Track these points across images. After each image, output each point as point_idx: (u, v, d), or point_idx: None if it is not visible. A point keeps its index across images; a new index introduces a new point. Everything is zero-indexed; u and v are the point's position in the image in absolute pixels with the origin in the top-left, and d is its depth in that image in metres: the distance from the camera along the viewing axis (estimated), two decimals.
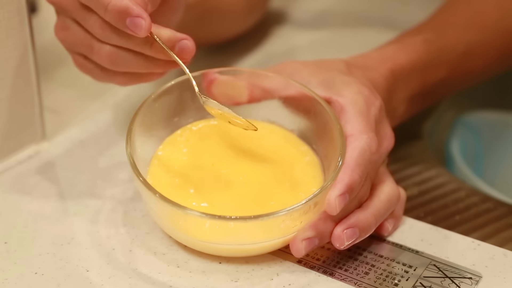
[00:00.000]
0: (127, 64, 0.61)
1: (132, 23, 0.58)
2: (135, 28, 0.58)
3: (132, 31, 0.58)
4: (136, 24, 0.58)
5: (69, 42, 0.64)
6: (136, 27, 0.58)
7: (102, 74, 0.64)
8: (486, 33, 0.75)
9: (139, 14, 0.58)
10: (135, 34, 0.58)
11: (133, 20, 0.58)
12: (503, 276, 0.58)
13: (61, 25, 0.63)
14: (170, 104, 0.63)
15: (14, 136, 0.69)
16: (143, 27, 0.58)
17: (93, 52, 0.61)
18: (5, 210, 0.64)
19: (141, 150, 0.60)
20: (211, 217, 0.54)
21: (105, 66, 0.62)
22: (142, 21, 0.58)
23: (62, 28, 0.63)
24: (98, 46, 0.61)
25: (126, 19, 0.58)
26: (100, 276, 0.57)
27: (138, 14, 0.58)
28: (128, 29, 0.58)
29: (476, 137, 0.88)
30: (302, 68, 0.63)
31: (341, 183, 0.55)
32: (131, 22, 0.58)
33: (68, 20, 0.62)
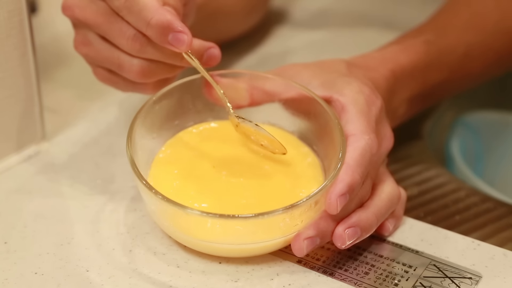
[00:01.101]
0: (157, 75, 0.62)
1: (174, 38, 0.58)
2: (177, 44, 0.58)
3: (173, 46, 0.58)
4: (179, 39, 0.58)
5: (92, 57, 0.63)
6: (179, 43, 0.58)
7: (130, 86, 0.64)
8: (486, 35, 0.75)
9: (182, 29, 0.58)
10: (176, 49, 0.58)
11: (175, 35, 0.58)
12: (503, 276, 0.58)
13: (81, 40, 0.63)
14: (171, 107, 0.63)
15: (14, 136, 0.69)
16: (185, 43, 0.58)
17: (123, 69, 0.61)
18: (5, 210, 0.64)
19: (142, 151, 0.60)
20: (212, 216, 0.54)
21: (136, 80, 0.62)
22: (184, 36, 0.58)
23: (83, 44, 0.63)
24: (129, 62, 0.61)
25: (169, 34, 0.58)
26: (100, 276, 0.57)
27: (181, 29, 0.58)
28: (170, 45, 0.58)
29: (476, 137, 0.88)
30: (303, 70, 0.63)
31: (342, 182, 0.55)
32: (174, 38, 0.58)
33: (91, 35, 0.62)
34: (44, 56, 0.81)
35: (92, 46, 0.63)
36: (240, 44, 0.88)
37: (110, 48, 0.62)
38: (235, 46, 0.88)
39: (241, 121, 0.61)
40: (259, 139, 0.61)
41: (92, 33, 0.62)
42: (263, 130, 0.60)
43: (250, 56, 0.88)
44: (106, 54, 0.62)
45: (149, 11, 0.58)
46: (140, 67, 0.61)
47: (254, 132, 0.61)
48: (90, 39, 0.62)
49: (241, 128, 0.61)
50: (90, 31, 0.62)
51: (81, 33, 0.63)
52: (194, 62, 0.60)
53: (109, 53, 0.62)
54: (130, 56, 0.61)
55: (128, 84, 0.64)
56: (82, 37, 0.63)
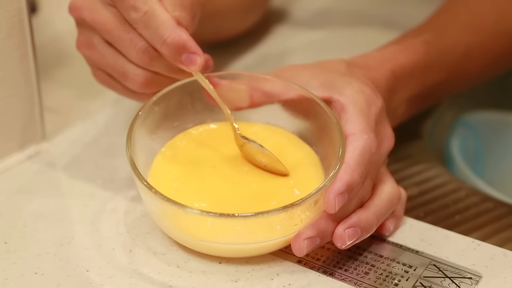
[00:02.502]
0: (158, 87, 0.62)
1: (188, 59, 0.58)
2: (189, 64, 0.59)
3: (185, 66, 0.59)
4: (192, 60, 0.59)
5: (94, 61, 0.63)
6: (191, 63, 0.59)
7: (128, 93, 0.64)
8: (485, 35, 0.76)
9: (196, 51, 0.59)
10: (186, 69, 0.59)
11: (189, 56, 0.58)
12: (503, 276, 0.58)
13: (85, 42, 0.63)
14: (170, 108, 0.63)
15: (14, 136, 0.69)
16: (197, 64, 0.59)
17: (127, 78, 0.61)
18: (5, 210, 0.64)
19: (142, 152, 0.60)
20: (211, 215, 0.54)
21: (137, 90, 0.62)
22: (197, 58, 0.59)
23: (86, 45, 0.63)
24: (134, 72, 0.61)
25: (183, 54, 0.58)
26: (100, 276, 0.57)
27: (195, 51, 0.59)
28: (182, 64, 0.59)
29: (476, 137, 0.88)
30: (302, 71, 0.63)
31: (340, 181, 0.55)
32: (187, 58, 0.58)
33: (96, 38, 0.62)
34: (44, 56, 0.81)
35: (96, 49, 0.62)
36: (239, 43, 0.88)
37: (115, 55, 0.61)
38: (235, 45, 0.88)
39: (246, 142, 0.61)
40: (263, 160, 0.61)
41: (97, 36, 0.62)
42: (268, 151, 0.60)
43: (250, 55, 0.88)
44: (110, 61, 0.62)
45: (166, 29, 0.58)
46: (144, 78, 0.61)
47: (258, 152, 0.60)
48: (95, 42, 0.62)
49: (246, 148, 0.61)
50: (96, 34, 0.62)
51: (85, 34, 0.63)
52: (204, 81, 0.60)
53: (114, 60, 0.62)
54: (136, 66, 0.61)
55: (127, 92, 0.64)
56: (86, 39, 0.63)
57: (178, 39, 0.58)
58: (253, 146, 0.61)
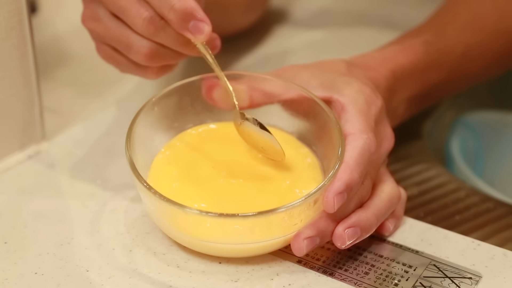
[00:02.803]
0: (163, 60, 0.61)
1: (195, 26, 0.58)
2: (196, 32, 0.58)
3: (192, 34, 0.58)
4: (199, 28, 0.58)
5: (99, 33, 0.63)
6: (198, 31, 0.58)
7: (132, 68, 0.63)
8: (485, 35, 0.76)
9: (203, 19, 0.58)
10: (193, 38, 0.58)
11: (196, 23, 0.58)
12: (503, 276, 0.58)
13: (90, 15, 0.62)
14: (170, 108, 0.63)
15: (14, 136, 0.69)
16: (204, 32, 0.58)
17: (131, 49, 0.61)
18: (5, 210, 0.64)
19: (141, 153, 0.60)
20: (211, 215, 0.54)
21: (141, 62, 0.61)
22: (205, 26, 0.58)
23: (92, 18, 0.62)
24: (139, 43, 0.60)
25: (190, 21, 0.58)
26: (100, 276, 0.57)
27: (203, 18, 0.58)
28: (189, 32, 0.58)
29: (476, 137, 0.88)
30: (302, 71, 0.63)
31: (340, 181, 0.55)
32: (194, 26, 0.58)
33: (101, 10, 0.61)
34: (44, 56, 0.81)
35: (101, 22, 0.62)
36: (239, 43, 0.88)
37: (120, 26, 0.61)
38: (234, 45, 0.88)
39: (245, 121, 0.60)
40: (259, 142, 0.61)
41: (103, 9, 0.61)
42: (266, 134, 0.60)
43: (250, 55, 0.88)
44: (116, 32, 0.61)
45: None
46: (149, 50, 0.60)
47: (255, 134, 0.60)
48: (100, 15, 0.61)
49: (242, 127, 0.61)
50: (101, 7, 0.61)
51: (90, 7, 0.62)
52: (208, 54, 0.60)
53: (119, 32, 0.61)
54: (141, 37, 0.60)
55: (131, 65, 0.63)
56: (92, 12, 0.62)
57: (186, 5, 0.57)
58: (250, 127, 0.60)
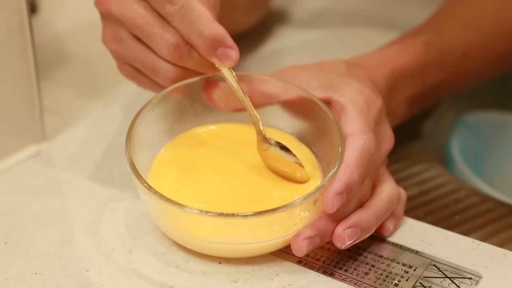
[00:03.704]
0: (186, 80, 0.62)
1: (223, 53, 0.58)
2: (225, 59, 0.58)
3: (220, 60, 0.58)
4: (227, 55, 0.58)
5: (121, 54, 0.62)
6: (227, 58, 0.58)
7: (154, 87, 0.63)
8: (485, 35, 0.76)
9: (232, 45, 0.58)
10: (220, 64, 0.58)
11: (225, 50, 0.58)
12: (503, 276, 0.58)
13: (112, 36, 0.62)
14: (170, 109, 0.63)
15: (14, 136, 0.69)
16: (233, 59, 0.58)
17: (157, 74, 0.61)
18: (5, 210, 0.64)
19: (141, 153, 0.60)
20: (211, 215, 0.54)
21: (166, 86, 0.61)
22: (234, 53, 0.58)
23: (113, 39, 0.62)
24: (165, 68, 0.60)
25: (219, 48, 0.58)
26: (100, 276, 0.57)
27: (231, 45, 0.58)
28: (217, 58, 0.58)
29: (476, 137, 0.88)
30: (302, 72, 0.63)
31: (339, 181, 0.55)
32: (223, 52, 0.58)
33: (123, 32, 0.61)
34: (44, 56, 0.81)
35: (123, 43, 0.61)
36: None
37: (144, 49, 0.61)
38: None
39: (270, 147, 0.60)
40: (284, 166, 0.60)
41: (124, 31, 0.61)
42: (293, 157, 0.59)
43: (250, 55, 0.88)
44: (139, 56, 0.61)
45: (204, 22, 0.58)
46: (175, 75, 0.61)
47: (281, 158, 0.60)
48: (122, 36, 0.61)
49: (267, 153, 0.61)
50: (123, 28, 0.61)
51: (111, 28, 0.62)
52: (233, 78, 0.60)
53: (143, 55, 0.61)
54: (166, 62, 0.60)
55: (153, 85, 0.63)
56: (113, 33, 0.62)
57: (215, 32, 0.58)
58: (276, 151, 0.60)
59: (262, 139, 0.61)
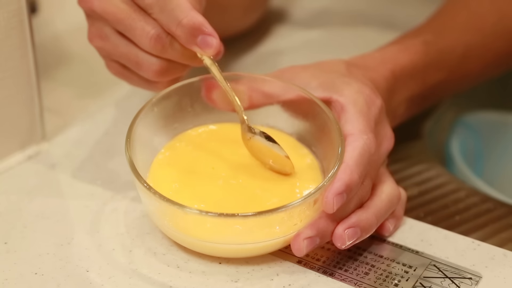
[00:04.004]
0: (172, 75, 0.62)
1: (203, 41, 0.58)
2: (205, 46, 0.58)
3: (201, 48, 0.58)
4: (207, 42, 0.58)
5: (107, 51, 0.63)
6: (207, 46, 0.58)
7: (143, 83, 0.64)
8: (484, 35, 0.76)
9: (212, 32, 0.58)
10: (201, 52, 0.58)
11: (205, 38, 0.58)
12: (503, 276, 0.58)
13: (97, 33, 0.62)
14: (170, 109, 0.63)
15: (14, 136, 0.69)
16: (213, 46, 0.58)
17: (141, 67, 0.61)
18: (5, 210, 0.64)
19: (141, 154, 0.60)
20: (211, 215, 0.54)
21: (152, 79, 0.62)
22: (214, 40, 0.58)
23: (99, 37, 0.62)
24: (148, 61, 0.60)
25: (199, 36, 0.58)
26: (100, 276, 0.57)
27: (211, 32, 0.58)
28: (197, 46, 0.58)
29: (476, 137, 0.88)
30: (302, 72, 0.63)
31: (339, 181, 0.55)
32: (203, 40, 0.58)
33: (107, 29, 0.61)
34: (44, 56, 0.81)
35: (108, 40, 0.62)
36: (239, 43, 0.88)
37: (127, 44, 0.61)
38: (234, 45, 0.87)
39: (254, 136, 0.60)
40: (268, 156, 0.60)
41: (108, 27, 0.61)
42: (276, 147, 0.60)
43: (249, 56, 0.88)
44: (124, 50, 0.61)
45: (182, 11, 0.58)
46: (159, 67, 0.61)
47: (265, 148, 0.60)
48: (106, 33, 0.62)
49: (251, 142, 0.61)
50: (107, 25, 0.61)
51: (96, 26, 0.62)
52: (214, 67, 0.60)
53: (127, 50, 0.61)
54: (149, 55, 0.60)
55: (141, 81, 0.63)
56: (98, 30, 0.62)
57: (194, 20, 0.58)
58: (260, 140, 0.60)
59: (245, 129, 0.61)
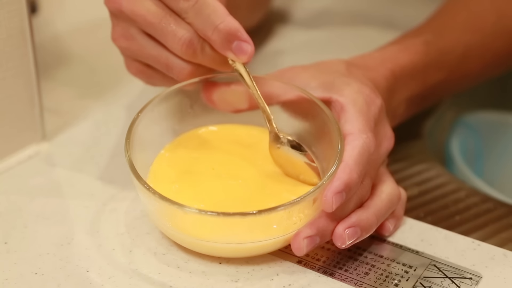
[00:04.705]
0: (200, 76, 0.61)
1: (238, 47, 0.58)
2: (240, 53, 0.58)
3: (235, 54, 0.58)
4: (242, 49, 0.58)
5: (133, 52, 0.62)
6: (242, 52, 0.58)
7: (166, 82, 0.63)
8: (484, 35, 0.76)
9: (247, 39, 0.58)
10: (235, 58, 0.58)
11: (240, 44, 0.58)
12: (503, 276, 0.58)
13: (122, 33, 0.61)
14: (170, 110, 0.63)
15: (14, 136, 0.69)
16: (248, 53, 0.58)
17: (172, 70, 0.60)
18: (5, 210, 0.64)
19: (141, 155, 0.60)
20: (210, 214, 0.54)
21: (180, 81, 0.61)
22: (249, 46, 0.58)
23: (124, 37, 0.61)
24: (180, 65, 0.60)
25: (234, 42, 0.58)
26: (100, 276, 0.57)
27: (246, 39, 0.58)
28: (231, 52, 0.58)
29: (476, 137, 0.88)
30: (301, 72, 0.63)
31: (339, 180, 0.55)
32: (238, 46, 0.58)
33: (133, 30, 0.61)
34: (44, 56, 0.81)
35: (135, 41, 0.61)
36: None
37: (156, 46, 0.61)
38: None
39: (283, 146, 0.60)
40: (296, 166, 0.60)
41: (134, 28, 0.61)
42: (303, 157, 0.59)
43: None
44: (152, 52, 0.61)
45: (219, 16, 0.58)
46: (190, 71, 0.60)
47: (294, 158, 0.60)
48: (133, 34, 0.61)
49: (279, 152, 0.60)
50: (133, 26, 0.61)
51: (121, 26, 0.61)
52: (246, 74, 0.60)
53: (157, 52, 0.61)
54: (180, 59, 0.60)
55: (165, 80, 0.63)
56: (123, 30, 0.61)
57: (230, 25, 0.57)
58: (289, 151, 0.60)
59: (274, 138, 0.61)
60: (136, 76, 0.64)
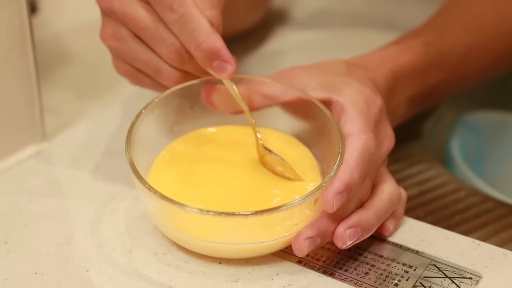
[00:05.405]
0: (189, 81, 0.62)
1: (219, 66, 0.58)
2: (220, 71, 0.58)
3: (216, 72, 0.58)
4: (223, 68, 0.58)
5: (122, 53, 0.62)
6: (222, 71, 0.58)
7: (154, 86, 0.64)
8: (485, 36, 0.76)
9: (228, 59, 0.58)
10: (217, 76, 0.59)
11: (220, 63, 0.58)
12: (503, 276, 0.58)
13: (112, 33, 0.62)
14: (169, 112, 0.63)
15: (14, 136, 0.69)
16: (227, 72, 0.58)
17: (161, 75, 0.61)
18: (5, 210, 0.64)
19: (141, 155, 0.60)
20: (211, 214, 0.54)
21: (169, 86, 0.62)
22: (229, 66, 0.58)
23: (114, 38, 0.62)
24: (169, 71, 0.61)
25: (215, 61, 0.58)
26: (100, 276, 0.57)
27: (227, 59, 0.58)
28: (212, 70, 0.58)
29: (476, 137, 0.88)
30: (301, 72, 0.63)
31: (339, 181, 0.55)
32: (218, 65, 0.58)
33: (124, 31, 0.61)
34: (44, 56, 0.81)
35: (125, 42, 0.61)
36: (239, 44, 0.88)
37: (147, 51, 0.61)
38: (234, 45, 0.87)
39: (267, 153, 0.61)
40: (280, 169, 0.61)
41: (125, 30, 0.61)
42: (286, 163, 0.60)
43: (250, 56, 0.88)
44: (142, 56, 0.61)
45: (202, 34, 0.58)
46: (179, 77, 0.61)
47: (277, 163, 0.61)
48: (123, 35, 0.61)
49: (266, 158, 0.61)
50: (124, 27, 0.61)
51: (111, 26, 0.62)
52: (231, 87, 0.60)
53: (146, 57, 0.61)
54: (170, 65, 0.61)
55: (154, 84, 0.63)
56: (113, 31, 0.61)
57: (212, 45, 0.58)
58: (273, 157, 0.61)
59: (260, 147, 0.61)
60: (124, 76, 0.64)
